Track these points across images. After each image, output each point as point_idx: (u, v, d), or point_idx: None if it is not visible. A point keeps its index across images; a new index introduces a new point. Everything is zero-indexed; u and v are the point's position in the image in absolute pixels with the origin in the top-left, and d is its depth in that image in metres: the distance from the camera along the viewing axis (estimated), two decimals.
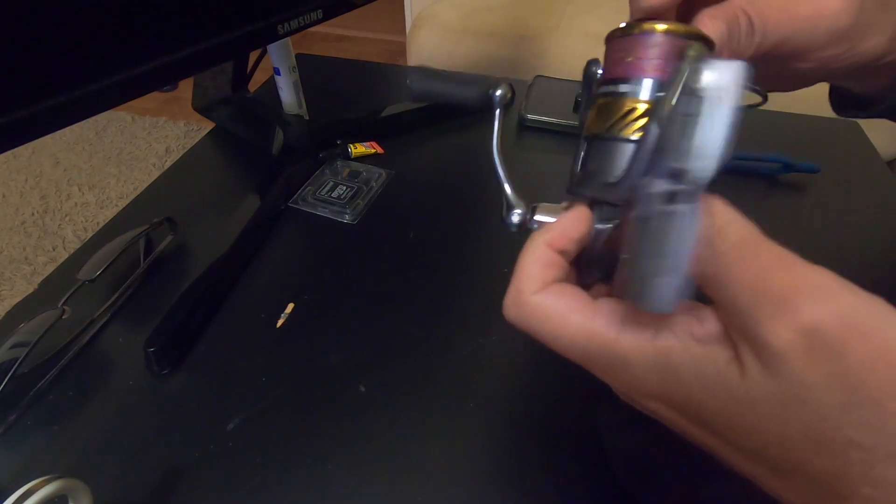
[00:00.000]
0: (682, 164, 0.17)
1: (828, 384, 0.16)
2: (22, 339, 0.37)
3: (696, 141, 0.17)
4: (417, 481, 0.33)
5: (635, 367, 0.19)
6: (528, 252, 0.22)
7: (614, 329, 0.20)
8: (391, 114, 0.65)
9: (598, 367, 0.21)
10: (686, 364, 0.18)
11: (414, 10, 1.81)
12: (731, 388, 0.17)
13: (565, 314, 0.21)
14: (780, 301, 0.16)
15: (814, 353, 0.16)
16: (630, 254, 0.17)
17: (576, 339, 0.20)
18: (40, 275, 1.39)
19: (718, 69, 0.18)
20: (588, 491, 0.33)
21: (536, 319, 0.21)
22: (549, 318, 0.21)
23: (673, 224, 0.17)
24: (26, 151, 1.82)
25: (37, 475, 0.25)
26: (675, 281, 0.16)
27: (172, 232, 0.49)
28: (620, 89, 0.21)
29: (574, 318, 0.20)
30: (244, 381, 0.39)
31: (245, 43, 0.45)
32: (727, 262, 0.18)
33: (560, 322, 0.21)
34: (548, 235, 0.22)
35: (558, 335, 0.21)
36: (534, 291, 0.21)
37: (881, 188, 0.57)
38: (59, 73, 0.33)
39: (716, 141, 0.17)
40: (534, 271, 0.22)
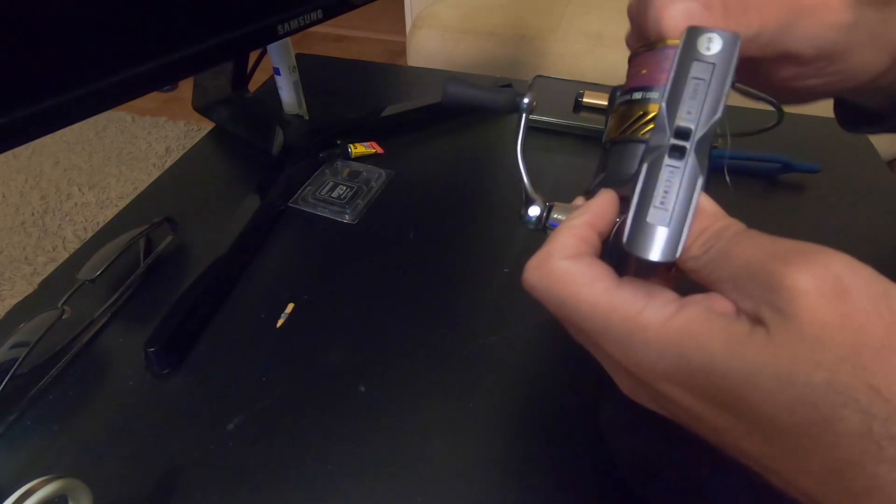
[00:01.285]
0: (685, 123, 0.19)
1: (842, 323, 0.16)
2: (22, 339, 0.37)
3: (696, 101, 0.19)
4: (417, 481, 0.33)
5: (655, 343, 0.19)
6: (563, 228, 0.22)
7: (639, 303, 0.19)
8: (391, 114, 0.65)
9: (615, 342, 0.20)
10: (712, 333, 0.18)
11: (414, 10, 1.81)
12: (759, 347, 0.17)
13: (591, 281, 0.20)
14: (795, 253, 0.17)
15: (830, 294, 0.16)
16: (632, 205, 0.19)
17: (597, 308, 0.20)
18: (40, 275, 1.39)
19: (716, 36, 0.20)
20: (590, 490, 0.33)
21: (561, 283, 0.21)
22: (575, 283, 0.20)
23: (673, 176, 0.19)
24: (26, 151, 1.82)
25: (37, 475, 0.25)
26: (671, 230, 0.18)
27: (172, 232, 0.49)
28: (634, 97, 0.23)
29: (599, 286, 0.20)
30: (244, 381, 0.39)
31: (245, 43, 0.45)
32: (736, 241, 0.19)
33: (584, 289, 0.20)
34: (587, 215, 0.22)
35: (580, 301, 0.20)
36: (563, 257, 0.21)
37: (881, 188, 0.57)
38: (59, 73, 0.33)
39: (713, 102, 0.19)
40: (568, 241, 0.21)
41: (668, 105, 0.19)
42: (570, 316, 0.21)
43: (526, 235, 0.50)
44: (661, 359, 0.19)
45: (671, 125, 0.19)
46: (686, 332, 0.18)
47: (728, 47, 0.19)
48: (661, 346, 0.19)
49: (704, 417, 0.19)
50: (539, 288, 0.21)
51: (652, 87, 0.23)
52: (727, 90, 0.19)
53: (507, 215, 0.53)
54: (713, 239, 0.20)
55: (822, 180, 0.56)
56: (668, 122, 0.19)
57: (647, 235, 0.19)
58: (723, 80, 0.19)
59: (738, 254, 0.19)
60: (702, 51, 0.20)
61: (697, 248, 0.20)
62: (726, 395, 0.18)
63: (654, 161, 0.19)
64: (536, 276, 0.21)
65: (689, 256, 0.20)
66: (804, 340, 0.16)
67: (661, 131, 0.19)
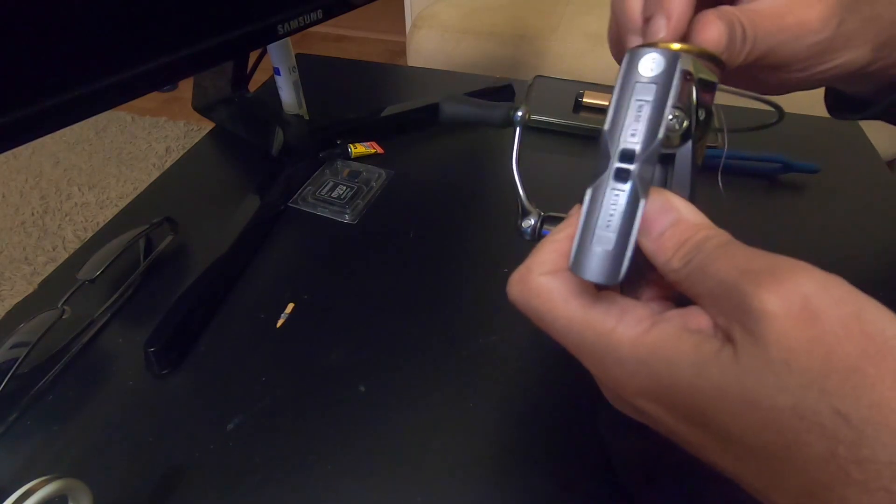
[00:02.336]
0: (628, 146, 0.19)
1: (810, 348, 0.16)
2: (22, 339, 0.37)
3: (640, 123, 0.19)
4: (418, 481, 0.33)
5: (627, 361, 0.19)
6: (546, 241, 0.22)
7: (612, 320, 0.20)
8: (391, 114, 0.65)
9: (590, 357, 0.21)
10: (680, 351, 0.18)
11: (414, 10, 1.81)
12: (724, 368, 0.17)
13: (567, 297, 0.21)
14: (766, 273, 0.17)
15: (799, 317, 0.16)
16: (578, 228, 0.20)
17: (572, 324, 0.20)
18: (40, 275, 1.39)
19: (658, 56, 0.19)
20: (589, 492, 0.33)
21: (539, 299, 0.21)
22: (551, 300, 0.21)
23: (617, 199, 0.19)
24: (26, 151, 1.82)
25: (37, 475, 0.25)
26: (613, 253, 0.19)
27: (172, 232, 0.49)
28: None
29: (574, 303, 0.20)
30: (244, 381, 0.39)
31: (245, 43, 0.45)
32: (713, 256, 0.19)
33: (560, 305, 0.21)
34: (570, 229, 0.22)
35: (556, 317, 0.21)
36: (542, 273, 0.21)
37: (881, 188, 0.57)
38: (59, 73, 0.33)
39: (654, 123, 0.19)
40: (548, 257, 0.22)
41: (610, 128, 0.19)
42: (549, 330, 0.21)
43: (532, 244, 0.50)
44: (633, 376, 0.19)
45: (614, 148, 0.19)
46: (655, 349, 0.19)
47: (669, 68, 0.19)
48: (632, 363, 0.19)
49: (679, 432, 0.19)
50: (520, 302, 0.22)
51: None
52: (668, 110, 0.19)
53: (506, 215, 0.53)
54: (693, 251, 0.19)
55: (822, 180, 0.56)
56: (611, 146, 0.19)
57: (589, 258, 0.19)
58: (663, 100, 0.19)
59: (714, 270, 0.18)
60: (643, 72, 0.19)
61: (678, 260, 0.20)
62: (695, 413, 0.18)
63: (598, 185, 0.19)
64: (517, 290, 0.22)
65: (670, 269, 0.20)
66: (770, 364, 0.16)
67: (605, 156, 0.19)
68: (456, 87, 0.69)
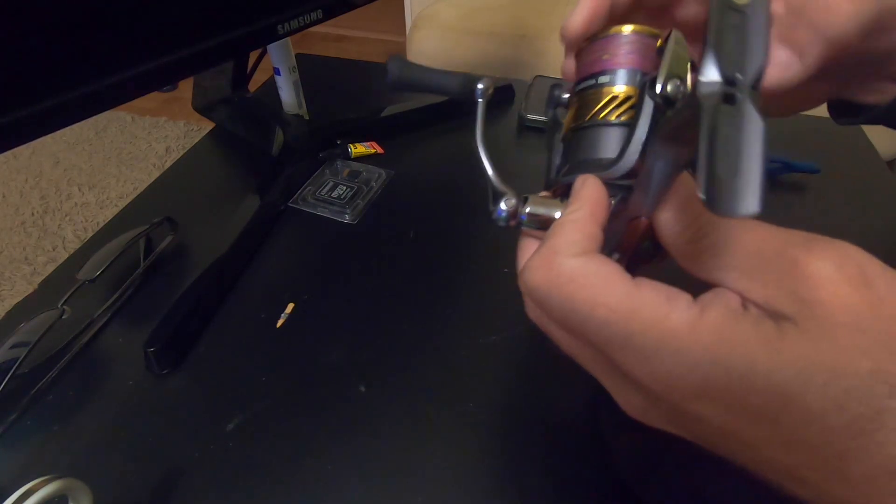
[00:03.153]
0: (734, 71, 0.18)
1: (873, 311, 0.15)
2: (22, 339, 0.37)
3: (743, 47, 0.18)
4: (417, 481, 0.33)
5: (687, 352, 0.17)
6: (565, 223, 0.20)
7: (663, 305, 0.17)
8: (391, 114, 0.65)
9: (637, 352, 0.17)
10: (743, 333, 0.16)
11: (414, 10, 1.81)
12: (794, 343, 0.16)
13: (607, 282, 0.18)
14: (812, 241, 0.17)
15: (856, 281, 0.16)
16: (704, 162, 0.17)
17: (616, 313, 0.17)
18: (40, 275, 1.39)
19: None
20: (589, 492, 0.33)
21: (573, 285, 0.18)
22: (589, 285, 0.18)
23: (741, 125, 0.17)
24: (26, 151, 1.82)
25: (37, 475, 0.25)
26: (752, 181, 0.16)
27: (172, 232, 0.49)
28: (599, 81, 0.23)
29: (618, 288, 0.18)
30: (244, 381, 0.39)
31: (245, 43, 0.45)
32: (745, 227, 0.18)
33: (600, 291, 0.18)
34: (588, 206, 0.20)
35: (596, 305, 0.18)
36: (573, 255, 0.18)
37: (881, 188, 0.57)
38: (60, 73, 0.33)
39: (758, 45, 0.18)
40: (575, 237, 0.19)
41: (715, 52, 0.18)
42: (581, 323, 0.18)
43: (514, 232, 0.50)
44: (693, 369, 0.17)
45: (724, 72, 0.18)
46: (718, 336, 0.17)
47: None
48: (693, 354, 0.17)
49: (737, 432, 0.17)
50: (543, 290, 0.19)
51: (616, 70, 0.23)
52: (768, 36, 0.18)
53: None
54: (711, 224, 0.18)
55: (822, 180, 0.56)
56: (721, 69, 0.18)
57: (731, 190, 0.16)
58: (766, 23, 0.18)
59: (747, 240, 0.17)
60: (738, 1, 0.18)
61: (693, 232, 0.19)
62: (769, 402, 0.16)
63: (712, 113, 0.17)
64: (542, 277, 0.19)
65: (683, 241, 0.19)
66: (840, 328, 0.15)
67: (712, 85, 0.18)
68: None
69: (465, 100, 0.28)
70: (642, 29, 0.23)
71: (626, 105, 0.22)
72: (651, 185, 0.20)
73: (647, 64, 0.23)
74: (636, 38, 0.23)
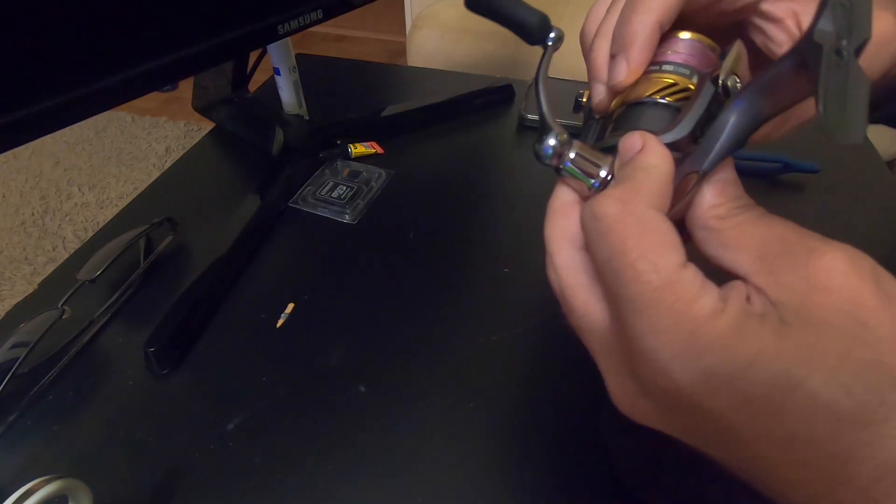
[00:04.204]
0: (845, 40, 0.19)
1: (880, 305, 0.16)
2: (22, 339, 0.37)
3: (850, 21, 0.19)
4: (417, 481, 0.33)
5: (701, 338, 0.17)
6: (651, 172, 0.19)
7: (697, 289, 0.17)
8: (391, 114, 0.65)
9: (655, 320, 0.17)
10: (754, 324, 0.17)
11: (414, 10, 1.81)
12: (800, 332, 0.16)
13: (668, 246, 0.18)
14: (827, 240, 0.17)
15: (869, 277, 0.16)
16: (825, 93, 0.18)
17: (658, 274, 0.17)
18: (40, 275, 1.39)
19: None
20: (589, 492, 0.33)
21: (638, 228, 0.18)
22: (651, 239, 0.17)
23: (849, 72, 0.18)
24: (26, 151, 1.82)
25: (37, 475, 0.25)
26: (862, 118, 0.18)
27: (172, 232, 0.49)
28: (663, 68, 0.24)
29: (673, 256, 0.17)
30: (244, 381, 0.39)
31: (245, 43, 0.45)
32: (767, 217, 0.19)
33: (658, 248, 0.17)
34: (668, 167, 0.19)
35: (644, 258, 0.17)
36: (652, 205, 0.18)
37: (881, 188, 0.57)
38: (60, 73, 0.33)
39: (863, 23, 0.19)
40: (660, 189, 0.19)
41: (832, 10, 0.19)
42: (618, 269, 0.18)
43: (526, 235, 0.50)
44: (700, 356, 0.16)
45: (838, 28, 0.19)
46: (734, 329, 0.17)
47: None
48: (705, 341, 0.16)
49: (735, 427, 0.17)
50: (607, 222, 0.18)
51: (680, 64, 0.24)
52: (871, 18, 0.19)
53: (507, 215, 0.53)
54: (746, 206, 0.19)
55: (822, 180, 0.56)
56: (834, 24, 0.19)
57: (844, 122, 0.18)
58: (868, 8, 0.19)
59: (772, 225, 0.18)
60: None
61: (727, 209, 0.19)
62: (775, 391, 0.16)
63: (829, 55, 0.18)
64: (616, 208, 0.18)
65: (715, 214, 0.19)
66: (847, 316, 0.16)
67: (828, 34, 0.19)
68: (456, 87, 0.69)
69: (537, 40, 0.27)
70: (702, 37, 0.25)
71: (682, 94, 0.24)
72: (717, 145, 0.20)
73: (705, 66, 0.24)
74: (697, 44, 0.25)
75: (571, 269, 0.21)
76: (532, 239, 0.49)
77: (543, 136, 0.23)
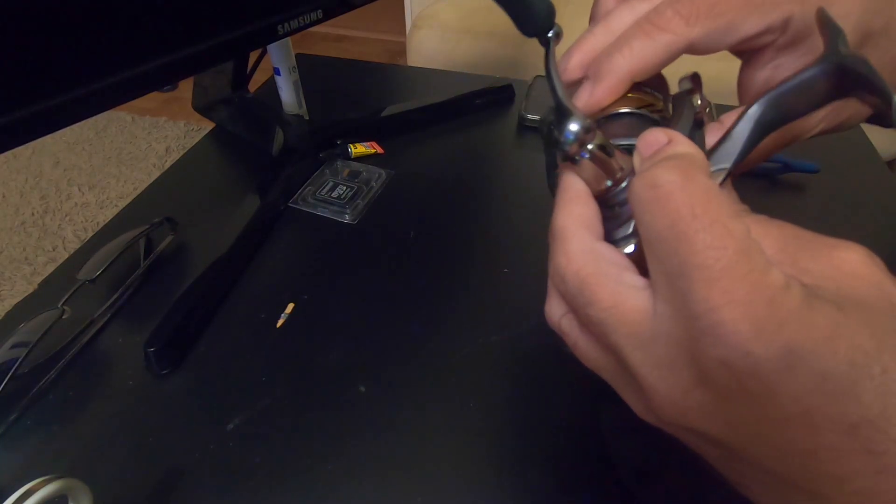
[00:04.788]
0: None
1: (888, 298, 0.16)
2: (22, 339, 0.37)
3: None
4: (417, 481, 0.33)
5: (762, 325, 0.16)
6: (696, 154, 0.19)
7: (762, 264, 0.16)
8: (391, 114, 0.65)
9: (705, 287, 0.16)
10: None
11: (414, 10, 1.81)
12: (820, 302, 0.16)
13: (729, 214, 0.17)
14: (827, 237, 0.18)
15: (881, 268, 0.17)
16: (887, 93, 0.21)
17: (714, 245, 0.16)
18: (40, 275, 1.39)
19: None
20: (589, 492, 0.33)
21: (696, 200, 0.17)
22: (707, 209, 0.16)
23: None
24: (26, 151, 1.82)
25: (37, 475, 0.25)
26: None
27: (172, 232, 0.49)
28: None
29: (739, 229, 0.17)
30: (244, 381, 0.39)
31: (245, 43, 0.45)
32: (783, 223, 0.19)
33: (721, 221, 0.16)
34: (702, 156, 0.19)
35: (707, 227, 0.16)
36: (709, 177, 0.18)
37: (881, 188, 0.57)
38: (60, 72, 0.33)
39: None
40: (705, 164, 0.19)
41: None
42: (680, 236, 0.16)
43: (526, 235, 0.50)
44: (782, 327, 0.15)
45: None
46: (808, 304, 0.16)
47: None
48: (785, 313, 0.15)
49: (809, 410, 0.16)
50: (669, 188, 0.17)
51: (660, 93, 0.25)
52: None
53: (507, 215, 0.53)
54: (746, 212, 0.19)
55: (822, 180, 0.56)
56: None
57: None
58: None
59: (782, 224, 0.18)
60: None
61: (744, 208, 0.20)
62: (851, 369, 0.15)
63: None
64: (678, 175, 0.17)
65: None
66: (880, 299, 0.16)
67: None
68: (456, 87, 0.69)
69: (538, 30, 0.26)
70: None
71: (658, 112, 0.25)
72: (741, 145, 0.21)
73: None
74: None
75: (592, 257, 0.20)
76: (532, 239, 0.50)
77: (564, 120, 0.20)
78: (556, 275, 0.20)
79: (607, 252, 0.20)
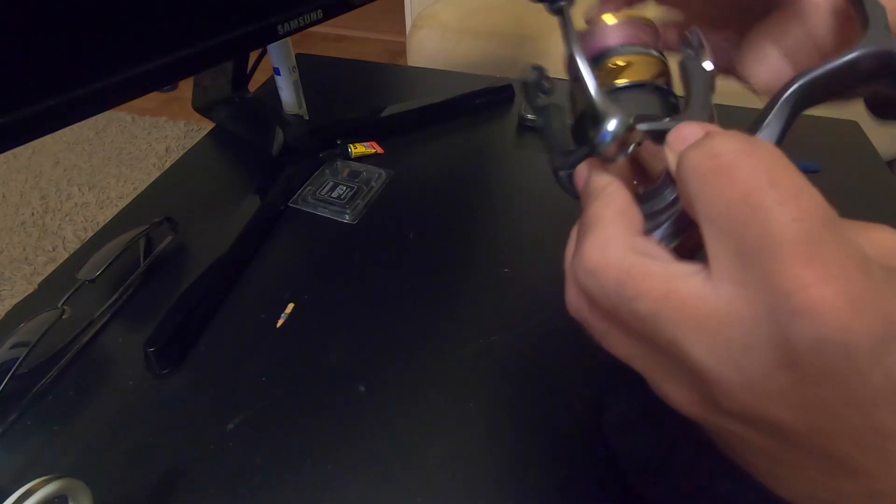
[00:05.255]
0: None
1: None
2: (22, 339, 0.38)
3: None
4: (417, 481, 0.33)
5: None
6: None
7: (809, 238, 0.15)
8: (391, 114, 0.65)
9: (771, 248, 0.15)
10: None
11: (414, 10, 1.81)
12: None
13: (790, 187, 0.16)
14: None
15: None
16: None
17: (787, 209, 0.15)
18: (40, 275, 1.39)
19: None
20: (590, 492, 0.33)
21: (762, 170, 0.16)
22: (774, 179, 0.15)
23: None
24: (26, 151, 1.82)
25: (37, 475, 0.25)
26: None
27: (172, 232, 0.49)
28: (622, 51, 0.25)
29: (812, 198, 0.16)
30: (244, 381, 0.39)
31: (245, 43, 0.45)
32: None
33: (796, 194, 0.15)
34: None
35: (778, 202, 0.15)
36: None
37: (881, 188, 0.57)
38: (60, 72, 0.33)
39: None
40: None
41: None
42: (758, 207, 0.15)
43: (526, 236, 0.50)
44: (879, 300, 0.14)
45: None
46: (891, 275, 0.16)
47: None
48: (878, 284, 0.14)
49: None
50: (734, 156, 0.16)
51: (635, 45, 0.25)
52: None
53: (507, 215, 0.53)
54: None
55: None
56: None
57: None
58: None
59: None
60: None
61: None
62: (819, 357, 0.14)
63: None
64: (742, 143, 0.16)
65: None
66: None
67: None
68: (456, 87, 0.69)
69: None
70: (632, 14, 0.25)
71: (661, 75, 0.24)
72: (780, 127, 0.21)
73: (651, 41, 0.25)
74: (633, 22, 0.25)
75: (631, 249, 0.18)
76: (532, 239, 0.50)
77: (599, 121, 0.18)
78: (582, 270, 0.19)
79: (645, 244, 0.19)
